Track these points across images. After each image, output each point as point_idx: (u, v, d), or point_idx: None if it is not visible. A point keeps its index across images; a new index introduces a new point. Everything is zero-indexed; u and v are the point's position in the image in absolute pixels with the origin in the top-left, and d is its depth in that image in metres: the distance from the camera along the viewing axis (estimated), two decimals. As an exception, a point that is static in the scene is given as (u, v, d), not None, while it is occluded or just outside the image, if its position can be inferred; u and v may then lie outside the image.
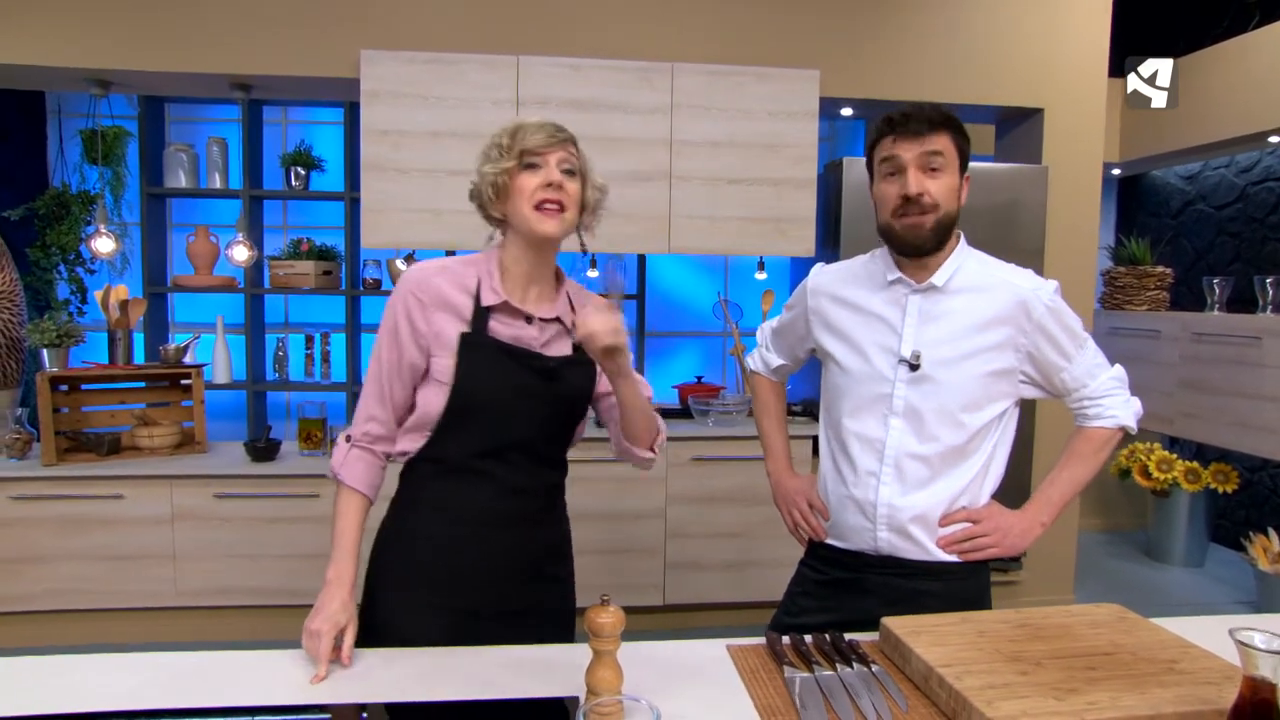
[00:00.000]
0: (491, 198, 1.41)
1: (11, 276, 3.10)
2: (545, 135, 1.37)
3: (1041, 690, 1.11)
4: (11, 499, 2.93)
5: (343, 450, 1.42)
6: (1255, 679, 0.97)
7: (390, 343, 1.39)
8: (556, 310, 1.44)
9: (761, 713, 1.16)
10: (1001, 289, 1.48)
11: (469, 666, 1.27)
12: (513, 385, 1.38)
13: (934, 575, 1.51)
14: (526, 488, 1.43)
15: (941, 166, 1.42)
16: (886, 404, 1.49)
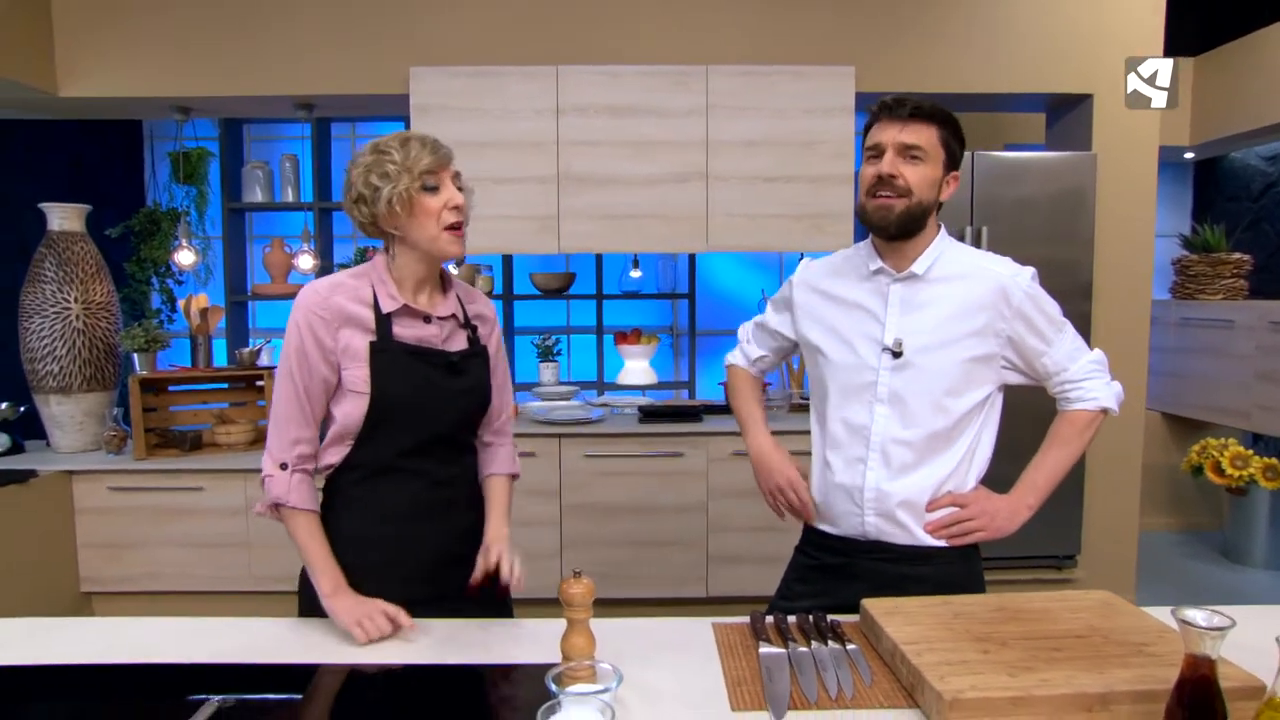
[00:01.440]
0: (393, 213, 1.40)
1: (108, 289, 3.40)
2: (439, 156, 1.40)
3: (998, 668, 1.15)
4: (109, 489, 3.23)
5: (283, 480, 1.44)
6: (1195, 656, 0.99)
7: (300, 364, 1.42)
8: (451, 308, 1.51)
9: (729, 682, 1.23)
10: (980, 277, 1.51)
11: (462, 635, 1.39)
12: (425, 383, 1.45)
13: (922, 560, 1.54)
14: (449, 478, 1.52)
15: (921, 157, 1.45)
16: (871, 391, 1.53)
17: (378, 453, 1.47)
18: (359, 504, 1.49)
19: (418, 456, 1.49)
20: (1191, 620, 0.98)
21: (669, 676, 1.25)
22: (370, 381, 1.43)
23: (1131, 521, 3.46)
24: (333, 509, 1.51)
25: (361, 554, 1.48)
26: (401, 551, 1.49)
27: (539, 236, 3.28)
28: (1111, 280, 3.37)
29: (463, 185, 1.46)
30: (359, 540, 1.49)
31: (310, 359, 1.43)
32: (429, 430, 1.48)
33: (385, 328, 1.45)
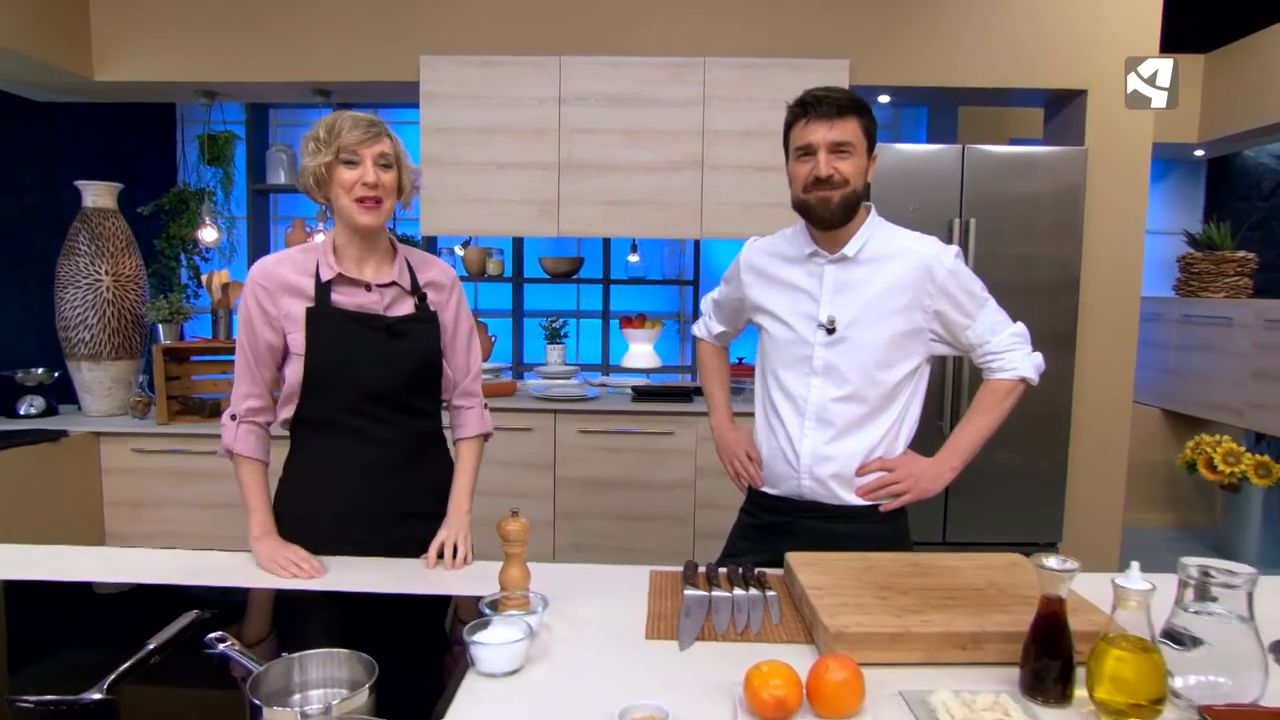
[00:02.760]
0: (313, 187, 1.55)
1: (137, 263, 3.60)
2: (361, 132, 1.50)
3: (889, 610, 1.26)
4: (133, 451, 3.44)
5: (232, 429, 1.61)
6: (1049, 596, 1.10)
7: (246, 329, 1.59)
8: (393, 275, 1.63)
9: (650, 617, 1.36)
10: (906, 256, 1.61)
11: (418, 572, 1.54)
12: (361, 345, 1.58)
13: (851, 518, 1.66)
14: (392, 437, 1.63)
15: (850, 150, 1.56)
16: (808, 364, 1.66)
17: (319, 409, 1.61)
18: (308, 456, 1.64)
19: (358, 415, 1.61)
20: (1046, 565, 1.09)
21: (597, 609, 1.38)
22: (306, 343, 1.56)
23: (1115, 512, 3.51)
24: (291, 461, 1.67)
25: (313, 504, 1.63)
26: (350, 503, 1.61)
27: (540, 220, 3.42)
28: (1101, 275, 3.41)
29: (395, 165, 1.55)
30: (311, 491, 1.64)
31: (255, 324, 1.59)
32: (367, 389, 1.60)
33: (324, 294, 1.58)
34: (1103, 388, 3.48)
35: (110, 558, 1.69)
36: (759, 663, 1.05)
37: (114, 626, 1.38)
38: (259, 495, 1.62)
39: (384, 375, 1.61)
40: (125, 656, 1.11)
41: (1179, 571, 1.11)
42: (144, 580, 1.50)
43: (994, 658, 1.17)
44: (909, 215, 3.27)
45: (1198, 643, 1.09)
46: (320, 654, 1.05)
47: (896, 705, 1.07)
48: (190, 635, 1.22)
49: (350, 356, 1.58)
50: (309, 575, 1.49)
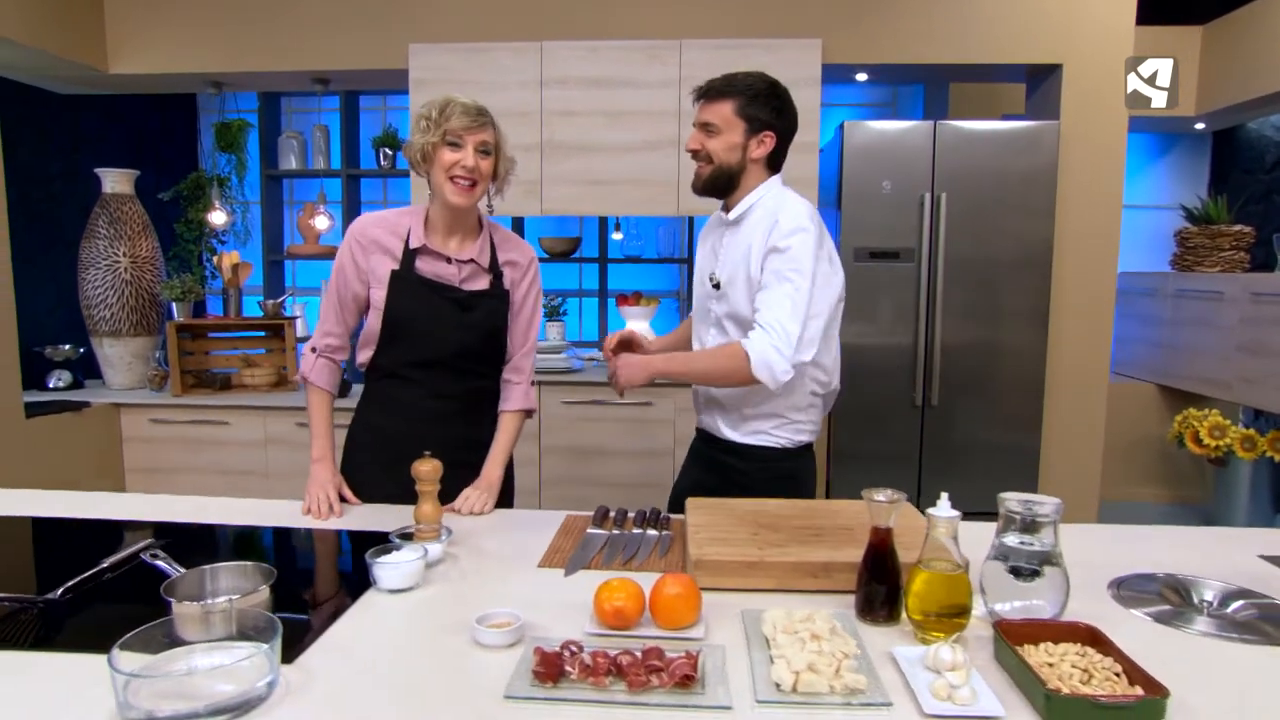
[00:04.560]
0: (419, 161, 1.71)
1: (153, 245, 3.84)
2: (469, 119, 1.66)
3: (755, 544, 1.39)
4: (150, 421, 3.68)
5: (310, 360, 1.83)
6: (877, 526, 1.22)
7: (339, 275, 1.78)
8: (475, 253, 1.79)
9: (548, 550, 1.50)
10: (764, 219, 1.74)
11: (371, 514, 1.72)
12: (431, 312, 1.75)
13: (738, 454, 1.87)
14: (450, 393, 1.82)
15: (716, 130, 1.75)
16: (709, 317, 1.89)
17: (391, 360, 1.80)
18: (377, 398, 1.84)
19: (423, 370, 1.80)
20: (874, 498, 1.21)
21: (504, 544, 1.54)
22: (386, 301, 1.75)
23: (1093, 488, 3.55)
24: (363, 399, 1.88)
25: (375, 441, 1.83)
26: (405, 446, 1.66)
27: (524, 200, 3.56)
28: (1076, 250, 3.45)
29: (495, 153, 1.71)
30: (375, 428, 1.85)
31: (346, 273, 1.78)
32: (434, 350, 1.78)
33: (409, 260, 1.75)
34: (1078, 363, 3.52)
35: (118, 499, 1.89)
36: (610, 579, 1.19)
37: (102, 552, 1.57)
38: (323, 422, 1.82)
39: (451, 341, 1.78)
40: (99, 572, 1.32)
41: (999, 505, 1.21)
42: (128, 517, 1.70)
43: (842, 586, 1.29)
44: (882, 191, 3.35)
45: (1036, 574, 1.20)
46: (230, 566, 1.22)
47: (734, 620, 1.20)
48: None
49: (423, 320, 1.76)
50: (322, 518, 1.68)
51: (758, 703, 0.97)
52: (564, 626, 1.17)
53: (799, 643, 1.06)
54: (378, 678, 1.04)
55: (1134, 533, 1.67)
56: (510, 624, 1.13)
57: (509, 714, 0.96)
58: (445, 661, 1.08)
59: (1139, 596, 1.32)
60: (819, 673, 0.99)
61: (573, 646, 1.05)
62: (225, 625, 1.07)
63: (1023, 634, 1.09)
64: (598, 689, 0.99)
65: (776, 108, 1.75)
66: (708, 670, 1.04)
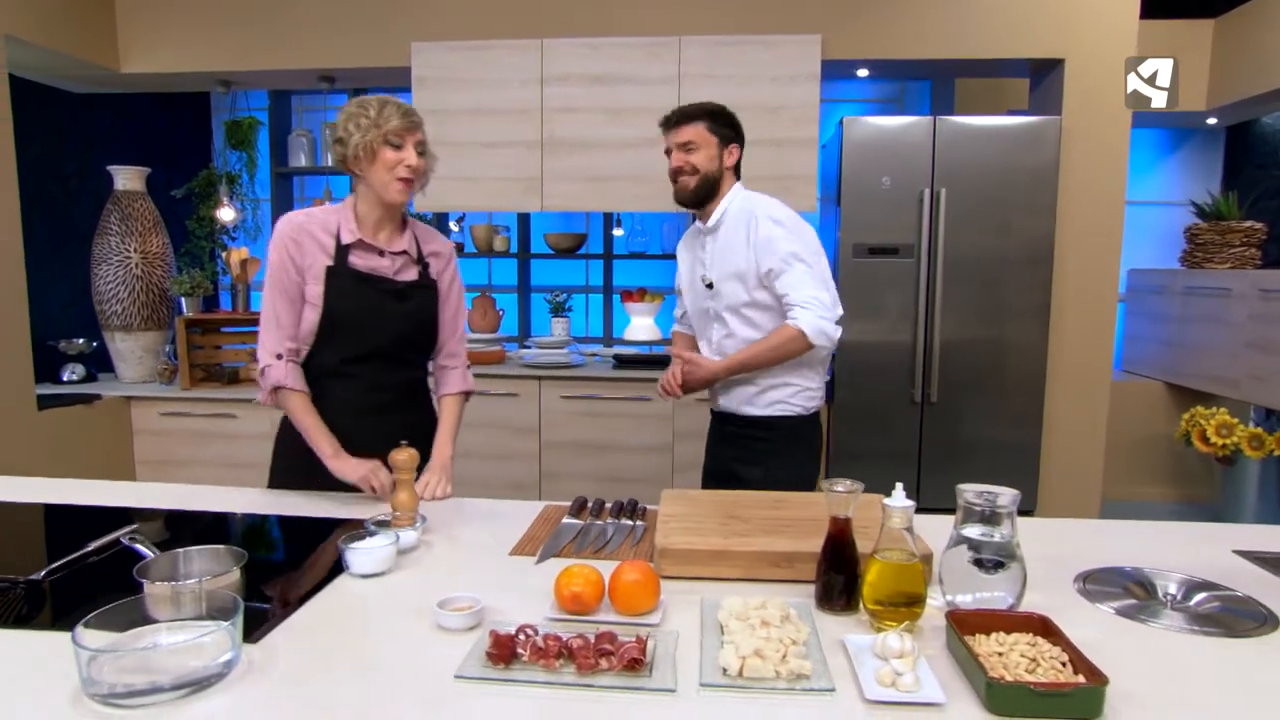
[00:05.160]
0: (355, 159, 1.71)
1: (164, 241, 3.91)
2: (408, 121, 1.69)
3: (721, 533, 1.40)
4: (160, 414, 3.75)
5: (280, 368, 1.76)
6: (836, 516, 1.23)
7: (278, 274, 1.75)
8: (404, 245, 1.83)
9: (523, 538, 1.52)
10: (740, 217, 2.04)
11: (330, 499, 1.74)
12: (370, 305, 1.77)
13: (762, 426, 2.11)
14: (386, 384, 1.84)
15: (694, 146, 2.04)
16: (708, 314, 2.14)
17: (326, 358, 1.80)
18: (316, 397, 1.82)
19: (360, 364, 1.81)
20: (834, 489, 1.22)
21: (480, 532, 1.56)
22: (323, 298, 1.76)
23: (1094, 486, 3.53)
24: None
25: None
26: (354, 440, 1.77)
27: (524, 196, 3.59)
28: (1078, 246, 3.42)
29: (425, 152, 1.75)
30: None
31: (287, 271, 1.77)
32: (371, 344, 1.80)
33: (343, 255, 1.77)
34: (1080, 360, 3.49)
35: (122, 487, 1.91)
36: (571, 565, 1.21)
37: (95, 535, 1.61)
38: (318, 420, 1.78)
39: (388, 332, 1.81)
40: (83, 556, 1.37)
41: (957, 497, 1.22)
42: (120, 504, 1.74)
43: (806, 575, 1.29)
44: (882, 187, 3.35)
45: (1000, 566, 1.21)
46: (203, 549, 1.25)
47: (694, 607, 1.21)
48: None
49: (361, 314, 1.78)
50: (381, 488, 1.66)
51: (701, 686, 0.99)
52: (526, 611, 1.20)
53: (749, 629, 1.07)
54: (337, 658, 1.07)
55: (1110, 527, 1.67)
56: (471, 607, 1.16)
57: (459, 694, 0.98)
58: (405, 643, 1.11)
59: (1104, 590, 1.32)
60: (765, 658, 1.01)
61: (528, 630, 1.08)
62: (195, 605, 1.11)
63: (976, 624, 1.10)
64: (548, 671, 1.02)
65: (734, 124, 2.09)
66: (658, 654, 1.06)
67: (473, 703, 0.97)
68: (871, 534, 1.20)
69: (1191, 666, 1.07)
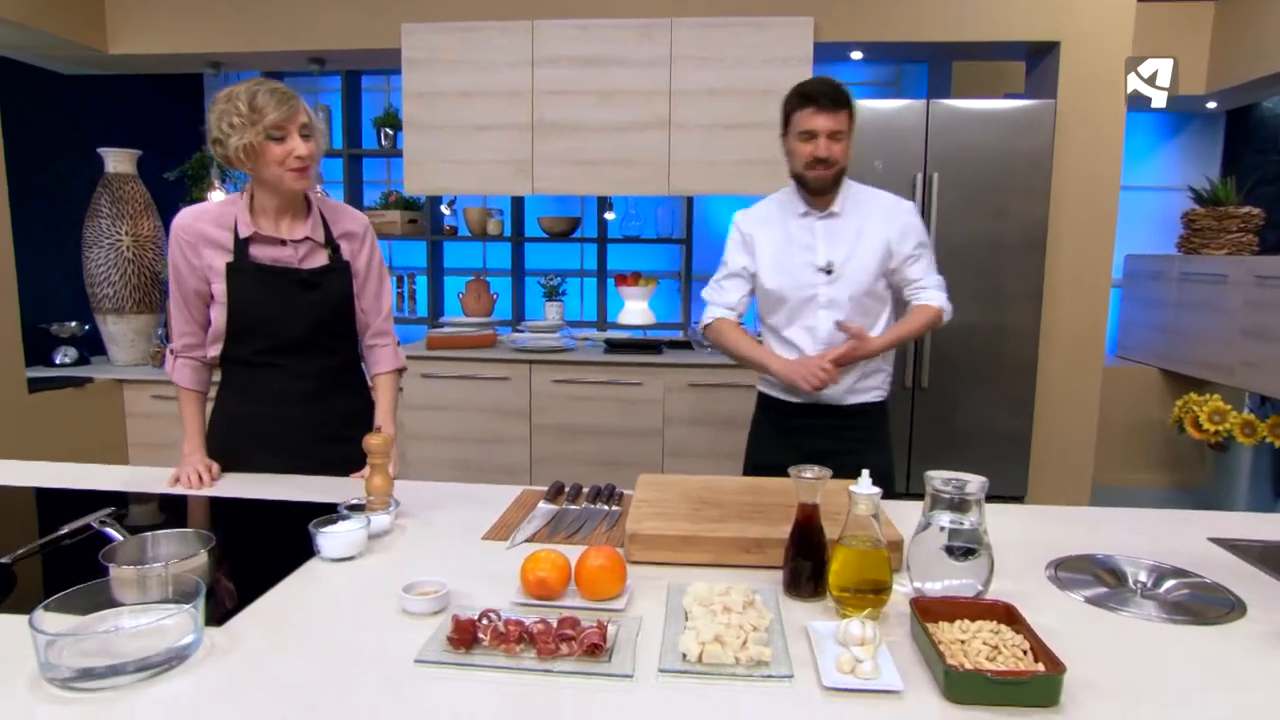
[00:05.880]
0: (239, 160, 1.64)
1: (155, 224, 3.90)
2: (285, 108, 1.60)
3: (692, 519, 1.40)
4: (152, 397, 3.76)
5: (170, 362, 1.83)
6: (804, 502, 1.22)
7: (175, 276, 1.75)
8: (308, 231, 1.78)
9: (495, 525, 1.52)
10: (877, 205, 2.06)
11: (302, 484, 1.74)
12: (277, 298, 1.74)
13: (852, 414, 2.11)
14: (307, 372, 1.82)
15: (842, 136, 1.96)
16: (814, 301, 2.05)
17: (241, 351, 1.79)
18: (237, 389, 1.84)
19: (279, 355, 1.79)
20: (799, 474, 1.21)
21: (455, 516, 1.56)
22: (227, 295, 1.73)
23: (1085, 471, 3.52)
24: (221, 392, 1.88)
25: (247, 430, 1.83)
26: (280, 430, 1.81)
27: (515, 179, 3.57)
28: (1072, 232, 3.40)
29: (311, 133, 1.67)
30: (243, 418, 1.84)
31: (181, 272, 1.75)
32: (284, 336, 1.78)
33: (242, 250, 1.74)
34: (1073, 346, 3.48)
35: (99, 470, 1.91)
36: (538, 550, 1.21)
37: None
38: (193, 419, 1.84)
39: (299, 323, 1.78)
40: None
41: (925, 484, 1.21)
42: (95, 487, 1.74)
43: (776, 561, 1.29)
44: (875, 170, 3.33)
45: (971, 553, 1.20)
46: (170, 533, 1.25)
47: (661, 593, 1.21)
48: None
49: (268, 308, 1.75)
50: (194, 487, 1.70)
51: (660, 672, 0.99)
52: (492, 596, 1.20)
53: (711, 615, 1.07)
54: (301, 642, 1.07)
55: (1087, 514, 1.67)
56: (436, 591, 1.16)
57: (418, 678, 0.98)
58: (370, 628, 1.11)
59: (1075, 578, 1.32)
60: (725, 644, 1.01)
61: (491, 614, 1.08)
62: (160, 589, 1.11)
63: (940, 611, 1.10)
64: (508, 656, 1.02)
65: None
66: (619, 639, 1.06)
67: (431, 686, 0.97)
68: (840, 520, 1.20)
69: (1155, 654, 1.07)
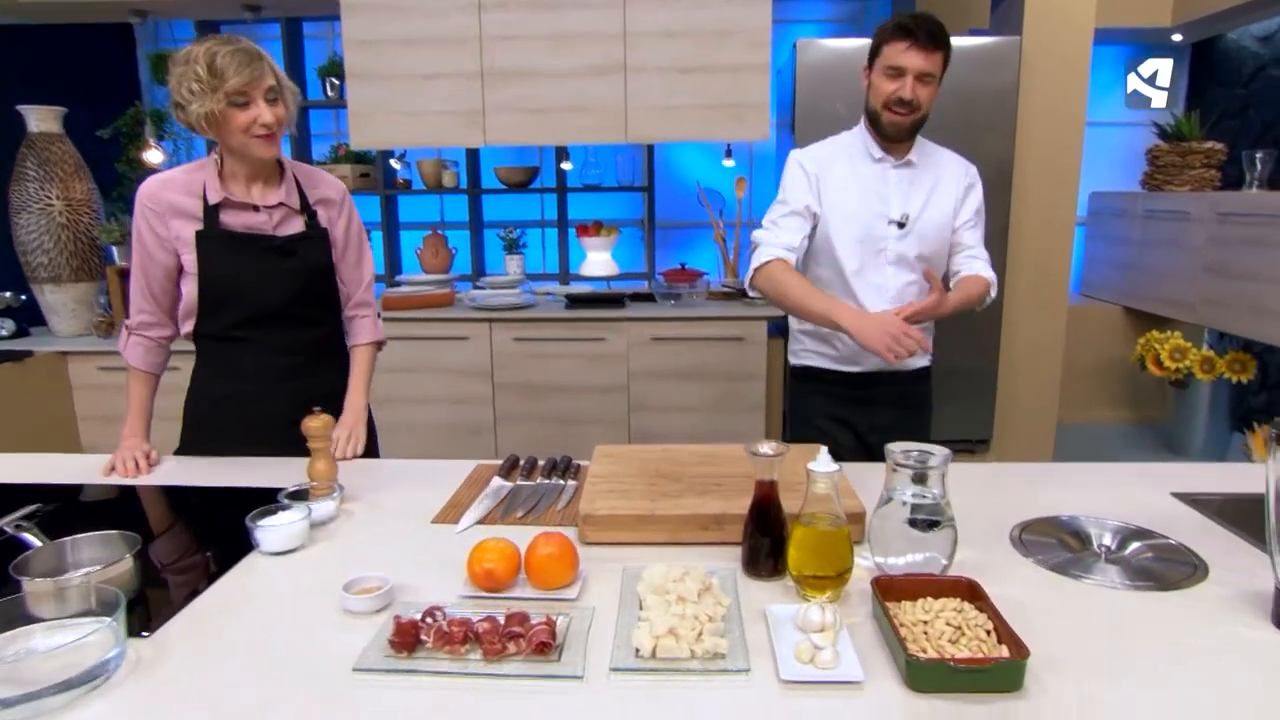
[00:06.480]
0: (201, 127, 1.54)
1: (88, 186, 3.70)
2: (249, 71, 1.50)
3: (649, 495, 1.35)
4: (99, 368, 3.61)
5: (124, 339, 1.74)
6: (761, 480, 1.18)
7: (139, 249, 1.65)
8: (281, 196, 1.68)
9: (445, 506, 1.46)
10: (951, 162, 1.93)
11: (248, 466, 1.66)
12: (251, 266, 1.65)
13: (923, 380, 2.07)
14: (287, 347, 1.73)
15: (932, 80, 1.78)
16: (882, 256, 1.89)
17: (215, 325, 1.70)
18: (210, 365, 1.75)
19: (253, 328, 1.70)
20: (758, 451, 1.16)
21: (404, 498, 1.50)
22: (198, 265, 1.64)
23: (1050, 411, 3.54)
24: (196, 369, 1.78)
25: (226, 411, 1.75)
26: (261, 409, 1.72)
27: (466, 130, 3.42)
28: (1037, 170, 3.34)
29: (279, 96, 1.57)
30: (213, 397, 1.76)
31: (147, 244, 1.65)
32: (260, 306, 1.69)
33: (212, 217, 1.64)
34: (1037, 285, 3.45)
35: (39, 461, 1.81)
36: (485, 539, 1.16)
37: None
38: (136, 400, 1.77)
39: (276, 293, 1.69)
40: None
41: (886, 457, 1.17)
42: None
43: (735, 538, 1.25)
44: (839, 113, 3.22)
45: (934, 525, 1.16)
46: (91, 536, 1.18)
47: (616, 577, 1.17)
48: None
49: (242, 277, 1.66)
50: (129, 475, 1.62)
51: (612, 671, 0.95)
52: (439, 589, 1.15)
53: (665, 605, 1.03)
54: (235, 649, 1.01)
55: (1048, 471, 1.65)
56: (379, 588, 1.10)
57: (357, 687, 0.93)
58: (309, 631, 1.05)
59: (1039, 541, 1.29)
60: (679, 637, 0.97)
61: (435, 613, 1.02)
62: (82, 600, 1.04)
63: (902, 590, 1.06)
64: (453, 658, 0.97)
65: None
66: (570, 634, 1.01)
67: (370, 697, 0.92)
68: (803, 491, 1.15)
69: (1119, 626, 1.05)
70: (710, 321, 3.38)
